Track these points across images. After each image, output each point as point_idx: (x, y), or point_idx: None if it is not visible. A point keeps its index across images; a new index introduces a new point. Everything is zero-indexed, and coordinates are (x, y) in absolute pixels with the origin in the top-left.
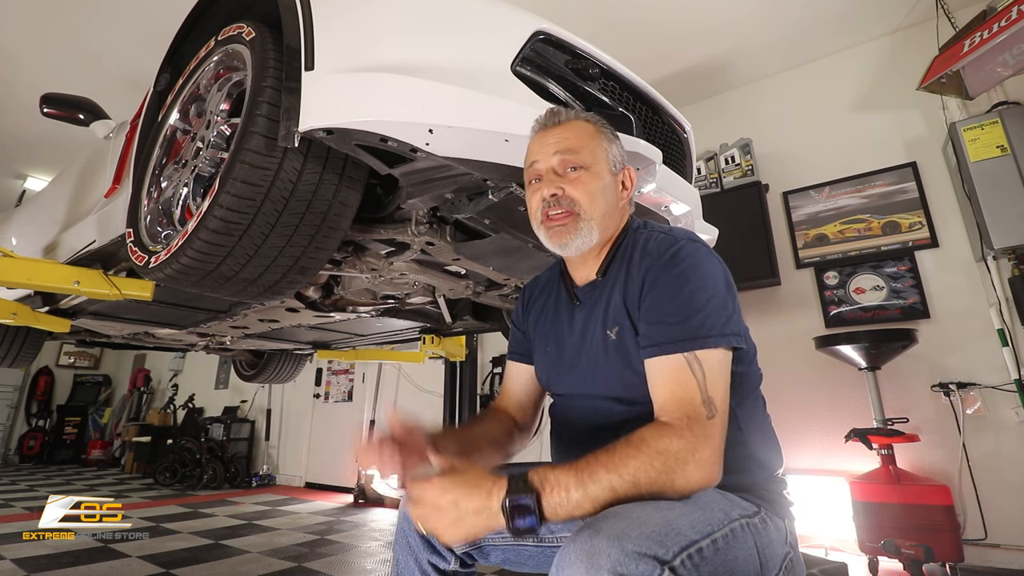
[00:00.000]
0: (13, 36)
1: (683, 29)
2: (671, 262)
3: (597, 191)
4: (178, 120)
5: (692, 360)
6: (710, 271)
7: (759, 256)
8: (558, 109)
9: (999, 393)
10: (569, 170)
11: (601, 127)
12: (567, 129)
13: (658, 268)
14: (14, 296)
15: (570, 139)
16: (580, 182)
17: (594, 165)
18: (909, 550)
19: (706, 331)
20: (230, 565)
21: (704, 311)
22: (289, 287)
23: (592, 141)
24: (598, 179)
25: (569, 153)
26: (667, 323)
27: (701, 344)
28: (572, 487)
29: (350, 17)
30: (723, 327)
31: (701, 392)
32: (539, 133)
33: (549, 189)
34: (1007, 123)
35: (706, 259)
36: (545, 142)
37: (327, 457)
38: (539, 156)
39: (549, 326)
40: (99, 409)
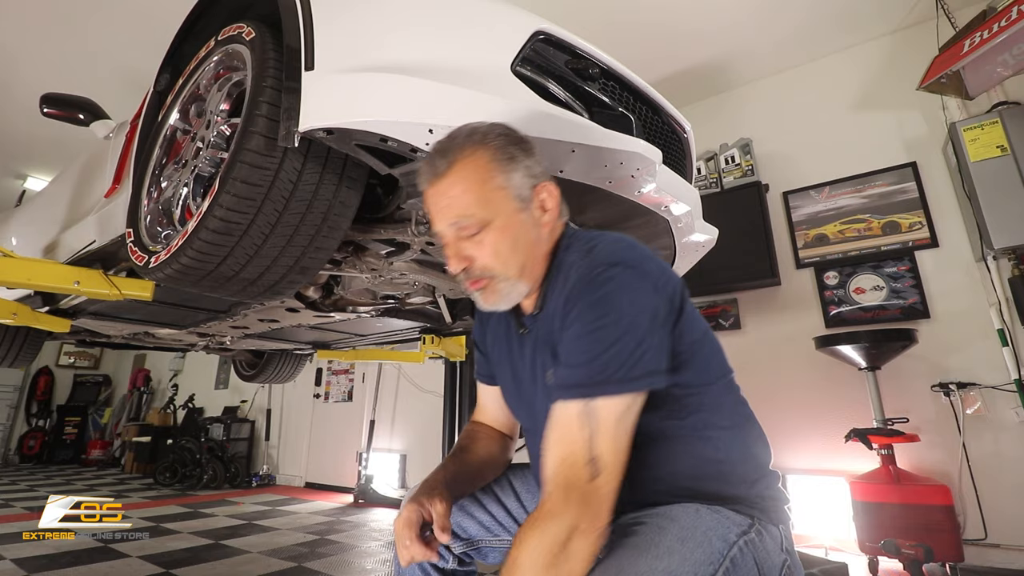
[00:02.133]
0: (13, 36)
1: (683, 29)
2: (585, 293)
3: (507, 247)
4: (178, 120)
5: (584, 411)
6: (628, 301)
7: (759, 256)
8: (439, 150)
9: (999, 393)
10: (470, 235)
11: (495, 154)
12: (453, 181)
13: (572, 302)
14: (14, 296)
15: (458, 198)
16: (485, 245)
17: (497, 217)
18: (909, 550)
19: (606, 376)
20: (230, 565)
21: (609, 351)
22: (289, 287)
23: (485, 186)
24: (506, 231)
25: (463, 219)
26: (569, 365)
27: (598, 391)
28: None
29: (350, 17)
30: (630, 370)
31: (585, 450)
32: (427, 188)
33: (455, 264)
34: (1007, 123)
35: (625, 286)
36: (436, 204)
37: (327, 457)
38: (435, 222)
39: (505, 353)
40: (99, 409)
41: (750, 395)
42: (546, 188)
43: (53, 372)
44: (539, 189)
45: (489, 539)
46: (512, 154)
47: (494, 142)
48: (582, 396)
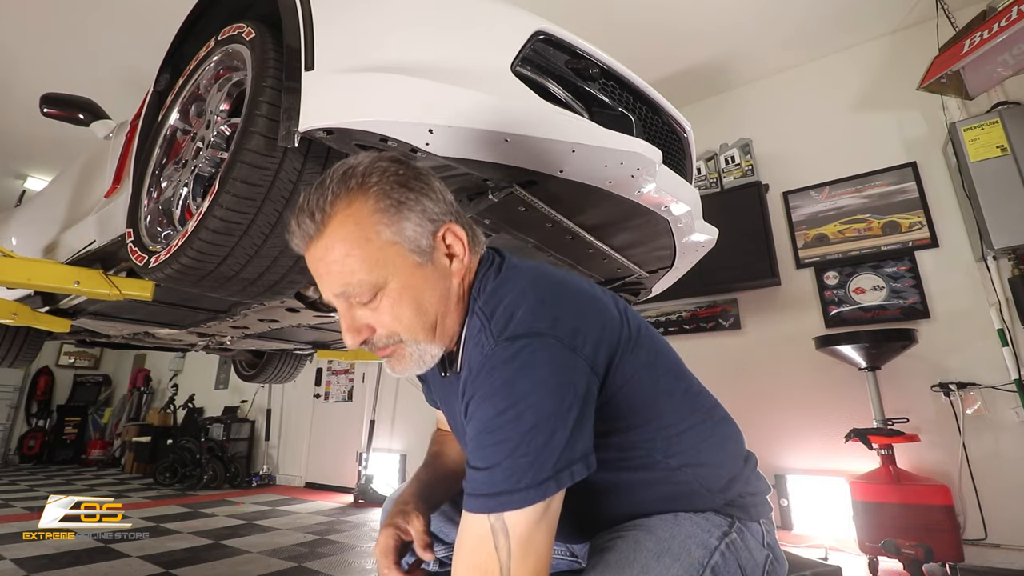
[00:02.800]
0: (13, 36)
1: (683, 29)
2: (482, 381)
3: (409, 311)
4: (178, 120)
5: (494, 527)
6: (531, 384)
7: (759, 256)
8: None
9: (999, 393)
10: (365, 303)
11: (378, 202)
12: (329, 244)
13: (474, 388)
14: (14, 296)
15: (339, 264)
16: (383, 312)
17: (390, 277)
18: (909, 550)
19: (511, 485)
20: (230, 565)
21: (515, 454)
22: (289, 287)
23: (369, 245)
24: (404, 293)
25: (350, 288)
26: (473, 468)
27: (505, 504)
28: None
29: (350, 17)
30: (538, 472)
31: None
32: (305, 251)
33: (352, 337)
34: (1007, 123)
35: (525, 367)
36: (315, 271)
37: (327, 457)
38: (320, 288)
39: (440, 394)
40: (99, 409)
41: (750, 395)
42: (450, 230)
43: (53, 372)
44: (442, 233)
45: None
46: (400, 199)
47: (376, 187)
48: (489, 510)
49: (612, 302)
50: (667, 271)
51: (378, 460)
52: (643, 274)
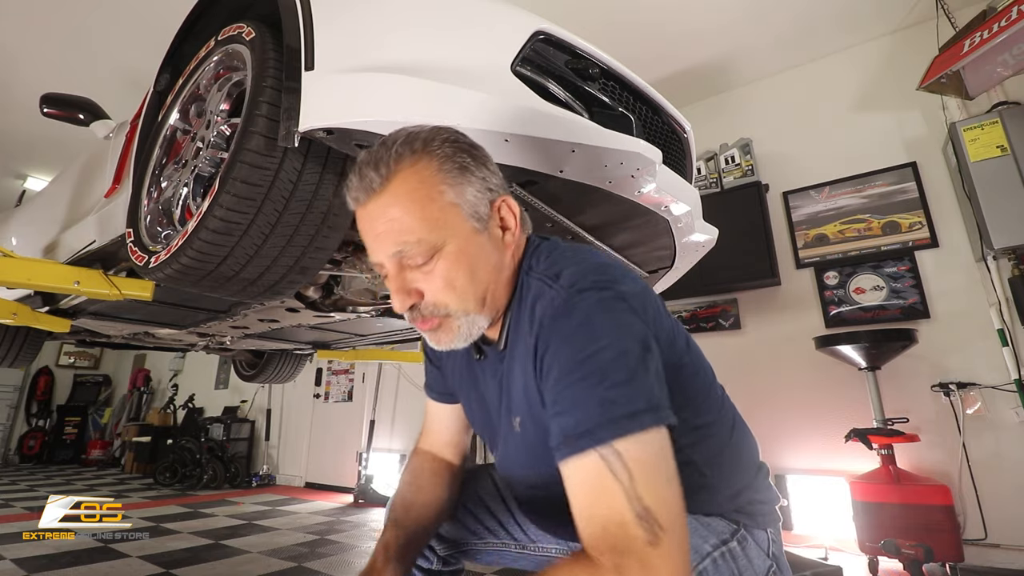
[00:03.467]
0: (13, 36)
1: (683, 29)
2: (557, 327)
3: (464, 278)
4: (178, 120)
5: (609, 457)
6: (611, 325)
7: (759, 256)
8: (368, 163)
9: (999, 393)
10: (419, 265)
11: (442, 164)
12: (391, 200)
13: (545, 342)
14: (14, 296)
15: (399, 222)
16: (436, 277)
17: (449, 240)
18: (909, 550)
19: (614, 413)
20: (230, 565)
21: (605, 383)
22: (289, 287)
23: (432, 206)
24: (461, 258)
25: (407, 246)
26: (562, 413)
27: (616, 430)
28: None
29: (350, 17)
30: (635, 402)
31: (631, 504)
32: (358, 211)
33: (402, 300)
34: (1007, 123)
35: (602, 310)
36: (371, 229)
37: (327, 457)
38: (372, 250)
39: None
40: (99, 409)
41: (750, 395)
42: (506, 202)
43: (53, 372)
44: (498, 204)
45: (475, 541)
46: (463, 163)
47: (440, 149)
48: (595, 443)
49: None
50: (667, 271)
51: (378, 460)
52: (643, 274)
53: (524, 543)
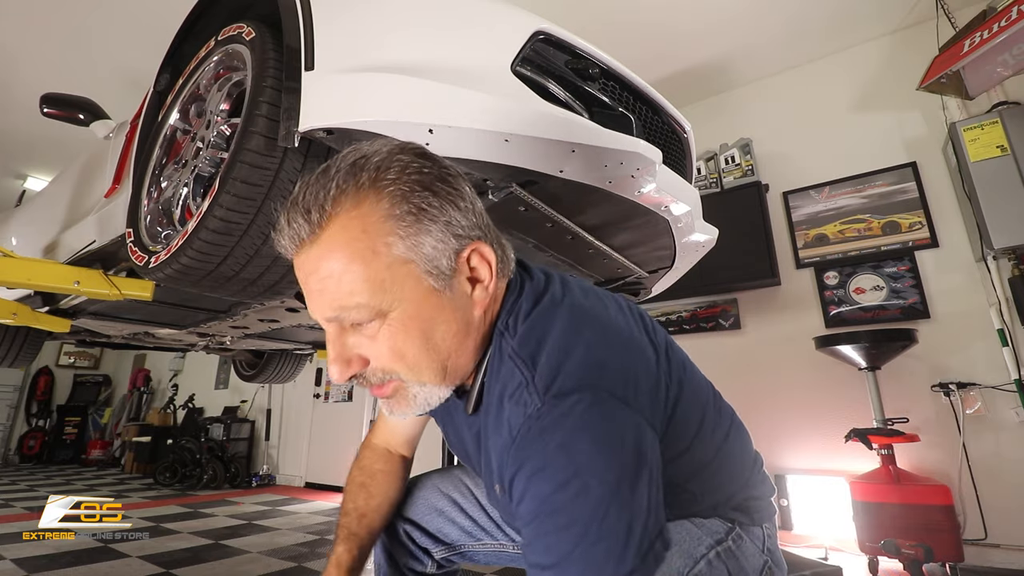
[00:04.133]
0: (13, 36)
1: (683, 29)
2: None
3: (416, 346)
4: (178, 120)
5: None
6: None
7: (759, 256)
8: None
9: (999, 393)
10: (362, 326)
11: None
12: (325, 253)
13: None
14: (14, 296)
15: (335, 282)
16: (381, 343)
17: (396, 304)
18: (909, 550)
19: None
20: (230, 565)
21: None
22: (289, 287)
23: (376, 261)
24: (412, 324)
25: (345, 312)
26: (536, 566)
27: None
28: None
29: (350, 17)
30: (619, 564)
31: None
32: (295, 256)
33: (340, 370)
34: (1007, 123)
35: (586, 426)
36: (305, 283)
37: (327, 457)
38: (310, 307)
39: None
40: (99, 409)
41: (750, 395)
42: (477, 251)
43: (53, 372)
44: (466, 255)
45: (472, 543)
46: (421, 205)
47: (393, 186)
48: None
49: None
50: (667, 271)
51: None
52: (643, 274)
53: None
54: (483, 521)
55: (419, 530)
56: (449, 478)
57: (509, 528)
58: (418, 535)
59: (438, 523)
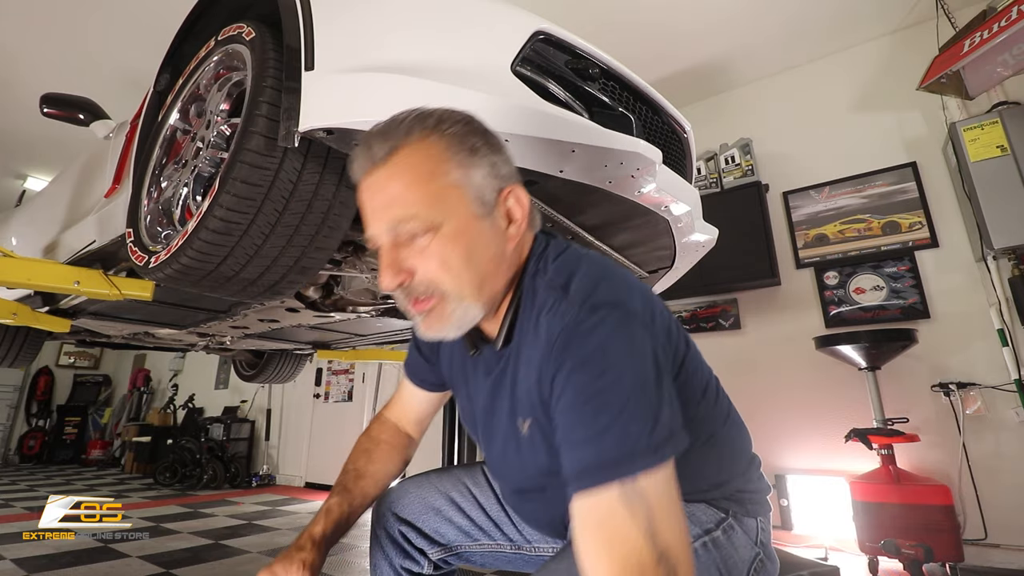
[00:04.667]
0: (13, 36)
1: (683, 29)
2: (570, 349)
3: (459, 259)
4: (178, 120)
5: (626, 495)
6: (627, 351)
7: (759, 256)
8: (379, 132)
9: (999, 393)
10: (414, 240)
11: (451, 143)
12: (393, 174)
13: (556, 362)
14: (14, 296)
15: (399, 194)
16: (430, 255)
17: (446, 221)
18: (909, 550)
19: (640, 444)
20: (230, 565)
21: (623, 416)
22: (289, 287)
23: (434, 184)
24: (459, 239)
25: (403, 222)
26: (578, 443)
27: (638, 465)
28: None
29: (350, 17)
30: (652, 435)
31: (650, 546)
32: (361, 179)
33: (390, 277)
34: (1007, 123)
35: (617, 333)
36: (370, 200)
37: (327, 457)
38: (369, 223)
39: (461, 374)
40: (99, 409)
41: (750, 395)
42: (514, 193)
43: (53, 372)
44: (505, 194)
45: (469, 544)
46: (474, 146)
47: (451, 129)
48: (617, 476)
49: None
50: (667, 271)
51: None
52: (643, 274)
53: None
54: (481, 520)
55: (415, 531)
56: (448, 477)
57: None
58: (414, 536)
59: (435, 523)
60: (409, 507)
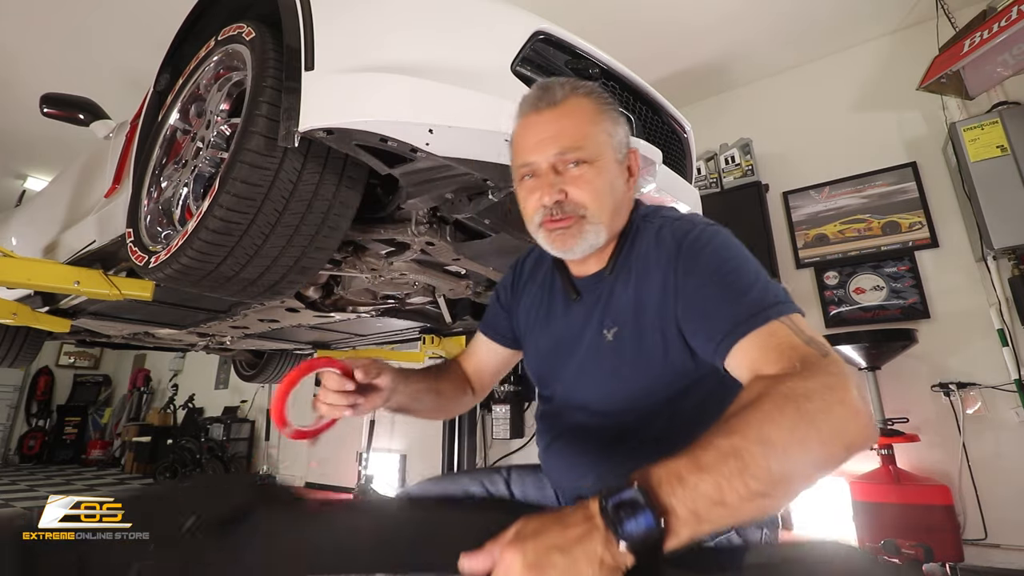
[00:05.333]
0: (13, 36)
1: (684, 29)
2: (698, 247)
3: (604, 189)
4: (178, 120)
5: (785, 321)
6: (741, 248)
7: (759, 256)
8: (552, 83)
9: (999, 393)
10: (570, 167)
11: (604, 105)
12: (566, 113)
13: (685, 257)
14: (14, 296)
15: (570, 128)
16: (584, 181)
17: (599, 158)
18: (909, 550)
19: (775, 298)
20: None
21: (759, 283)
22: (289, 287)
23: (595, 127)
24: (604, 174)
25: (571, 150)
26: (729, 306)
27: (780, 311)
28: (685, 468)
29: (350, 17)
30: (779, 294)
31: (800, 340)
32: (530, 116)
33: (550, 195)
34: (1007, 123)
35: (731, 237)
36: (540, 132)
37: (327, 457)
38: (534, 150)
39: (543, 319)
40: (99, 409)
41: None
42: (635, 153)
43: (53, 372)
44: (630, 153)
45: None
46: (616, 112)
47: (604, 96)
48: (769, 318)
49: None
50: None
51: (378, 460)
52: None
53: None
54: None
55: None
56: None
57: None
58: None
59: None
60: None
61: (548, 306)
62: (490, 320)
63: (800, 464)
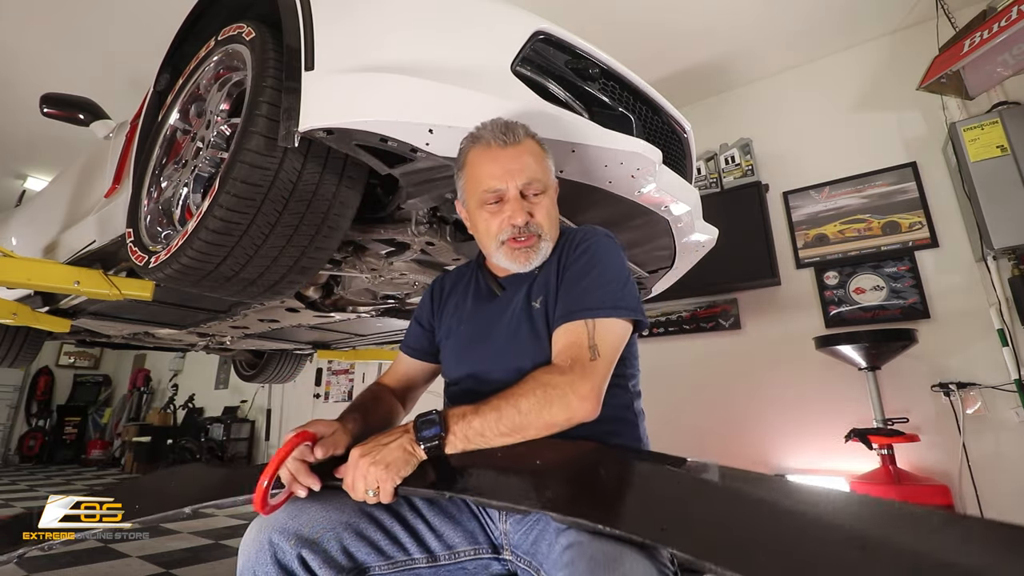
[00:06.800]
0: (14, 36)
1: (684, 29)
2: (580, 250)
3: (553, 213)
4: (178, 120)
5: (589, 323)
6: (611, 257)
7: (759, 256)
8: (511, 126)
9: (999, 393)
10: (532, 195)
11: (541, 143)
12: (526, 151)
13: (572, 256)
14: (14, 296)
15: (532, 163)
16: (543, 207)
17: (548, 188)
18: None
19: (602, 303)
20: (230, 565)
21: (610, 285)
22: (289, 287)
23: (544, 164)
24: (552, 201)
25: (535, 181)
26: (573, 297)
27: (598, 313)
28: (469, 412)
29: (350, 17)
30: (617, 302)
31: (588, 340)
32: (492, 151)
33: (519, 217)
34: (1007, 123)
35: (607, 247)
36: (507, 164)
37: None
38: (502, 180)
39: (468, 316)
40: (99, 409)
41: (750, 395)
42: (557, 185)
43: (53, 372)
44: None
45: (380, 563)
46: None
47: (542, 140)
48: (586, 317)
49: None
50: (667, 271)
51: None
52: (643, 274)
53: (437, 553)
54: (397, 532)
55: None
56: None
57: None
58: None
59: (345, 541)
60: (313, 525)
61: (473, 305)
62: (411, 340)
63: (533, 423)
